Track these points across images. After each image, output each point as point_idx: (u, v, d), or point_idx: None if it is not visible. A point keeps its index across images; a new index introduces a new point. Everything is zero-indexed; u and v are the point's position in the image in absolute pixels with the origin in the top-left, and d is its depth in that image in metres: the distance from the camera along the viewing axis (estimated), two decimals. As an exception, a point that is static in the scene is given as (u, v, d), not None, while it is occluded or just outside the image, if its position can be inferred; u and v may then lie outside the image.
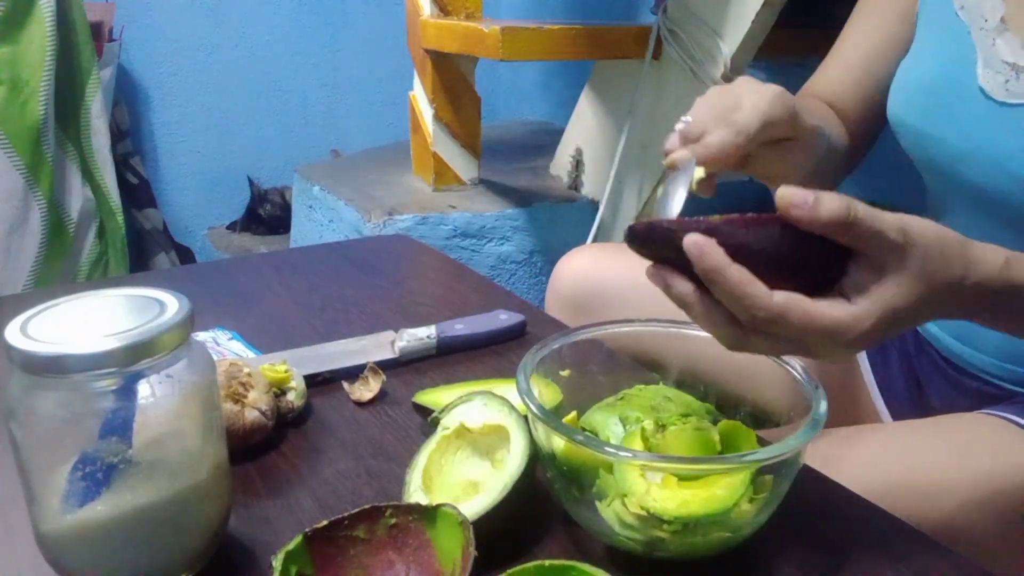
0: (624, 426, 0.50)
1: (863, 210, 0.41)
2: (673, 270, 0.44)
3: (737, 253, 0.41)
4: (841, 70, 0.78)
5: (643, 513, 0.43)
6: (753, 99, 0.54)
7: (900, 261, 0.42)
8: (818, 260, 0.43)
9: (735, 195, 1.71)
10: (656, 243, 0.43)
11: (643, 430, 0.48)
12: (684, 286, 0.44)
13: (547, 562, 0.40)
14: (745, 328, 0.43)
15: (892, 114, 0.70)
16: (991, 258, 0.45)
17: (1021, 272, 0.46)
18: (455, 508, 0.42)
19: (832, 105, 0.77)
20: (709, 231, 0.41)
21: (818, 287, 0.43)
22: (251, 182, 2.40)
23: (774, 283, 0.42)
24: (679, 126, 0.55)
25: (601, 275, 0.87)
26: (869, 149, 0.80)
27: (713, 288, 0.42)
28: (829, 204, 0.40)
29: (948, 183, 0.67)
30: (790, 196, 0.41)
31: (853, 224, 0.41)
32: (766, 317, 0.41)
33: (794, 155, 0.58)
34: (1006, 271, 0.45)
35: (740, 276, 0.41)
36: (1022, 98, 0.59)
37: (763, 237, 0.42)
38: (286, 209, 2.32)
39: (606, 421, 0.51)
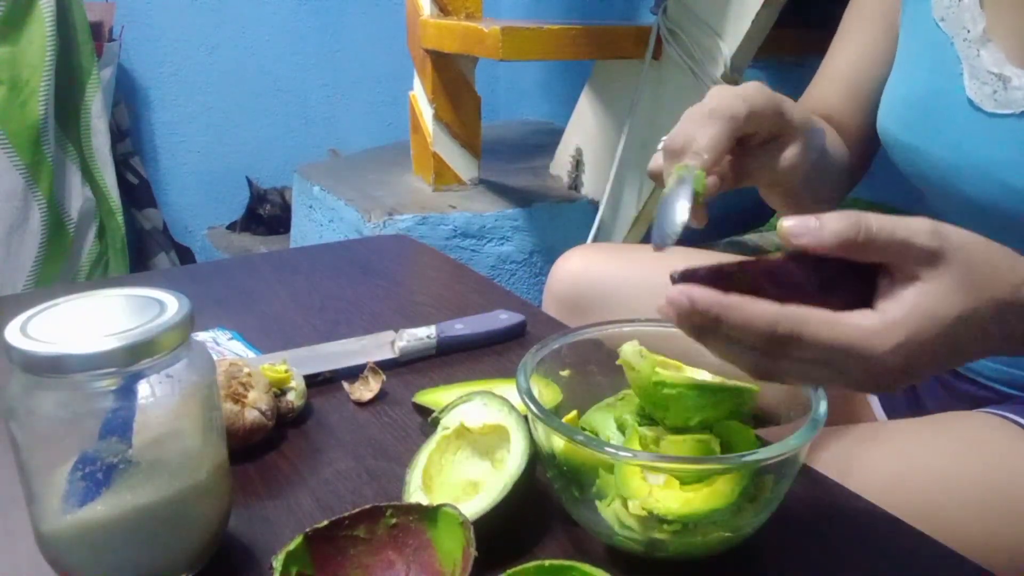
0: (623, 431, 0.50)
1: (877, 223, 0.37)
2: (696, 286, 0.38)
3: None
4: (832, 87, 0.77)
5: (644, 514, 0.43)
6: (731, 93, 0.52)
7: (934, 268, 0.38)
8: (844, 283, 0.39)
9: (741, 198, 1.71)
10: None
11: (641, 437, 0.48)
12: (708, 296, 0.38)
13: (547, 562, 0.40)
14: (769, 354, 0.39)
15: (881, 129, 0.70)
16: None
17: None
18: (456, 508, 0.42)
19: (828, 121, 0.76)
20: (716, 277, 0.38)
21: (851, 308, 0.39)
22: (250, 183, 2.40)
23: None
24: (661, 145, 0.52)
25: (597, 275, 0.88)
26: (869, 163, 0.80)
27: (721, 330, 0.38)
28: (834, 225, 0.37)
29: (940, 194, 0.67)
30: (790, 226, 0.38)
31: (868, 241, 0.37)
32: (783, 333, 0.37)
33: (787, 154, 0.56)
34: None
35: (739, 301, 0.37)
36: (1010, 108, 0.59)
37: (777, 276, 0.39)
38: (286, 209, 2.31)
39: (606, 421, 0.51)
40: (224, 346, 0.71)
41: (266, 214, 2.38)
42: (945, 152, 0.63)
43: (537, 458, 0.48)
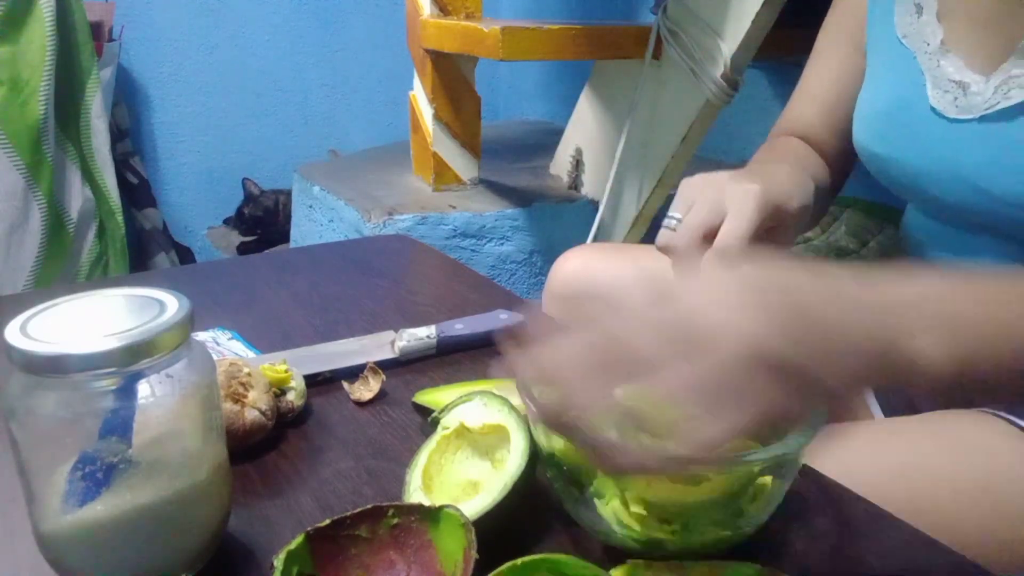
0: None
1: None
2: None
3: None
4: (808, 107, 0.81)
5: (642, 513, 0.43)
6: (737, 205, 0.56)
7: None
8: None
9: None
10: None
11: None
12: None
13: (519, 561, 0.40)
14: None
15: (856, 142, 0.73)
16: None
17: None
18: (458, 509, 0.42)
19: (807, 140, 0.80)
20: None
21: None
22: (245, 185, 2.39)
23: None
24: (671, 224, 0.59)
25: (596, 275, 0.88)
26: (847, 176, 0.83)
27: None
28: None
29: (918, 200, 0.70)
30: None
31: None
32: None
33: (779, 237, 0.60)
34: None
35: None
36: (970, 113, 0.62)
37: None
38: (275, 214, 2.31)
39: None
40: (224, 346, 0.71)
41: (249, 214, 2.35)
42: (915, 160, 0.66)
43: (537, 458, 0.48)
